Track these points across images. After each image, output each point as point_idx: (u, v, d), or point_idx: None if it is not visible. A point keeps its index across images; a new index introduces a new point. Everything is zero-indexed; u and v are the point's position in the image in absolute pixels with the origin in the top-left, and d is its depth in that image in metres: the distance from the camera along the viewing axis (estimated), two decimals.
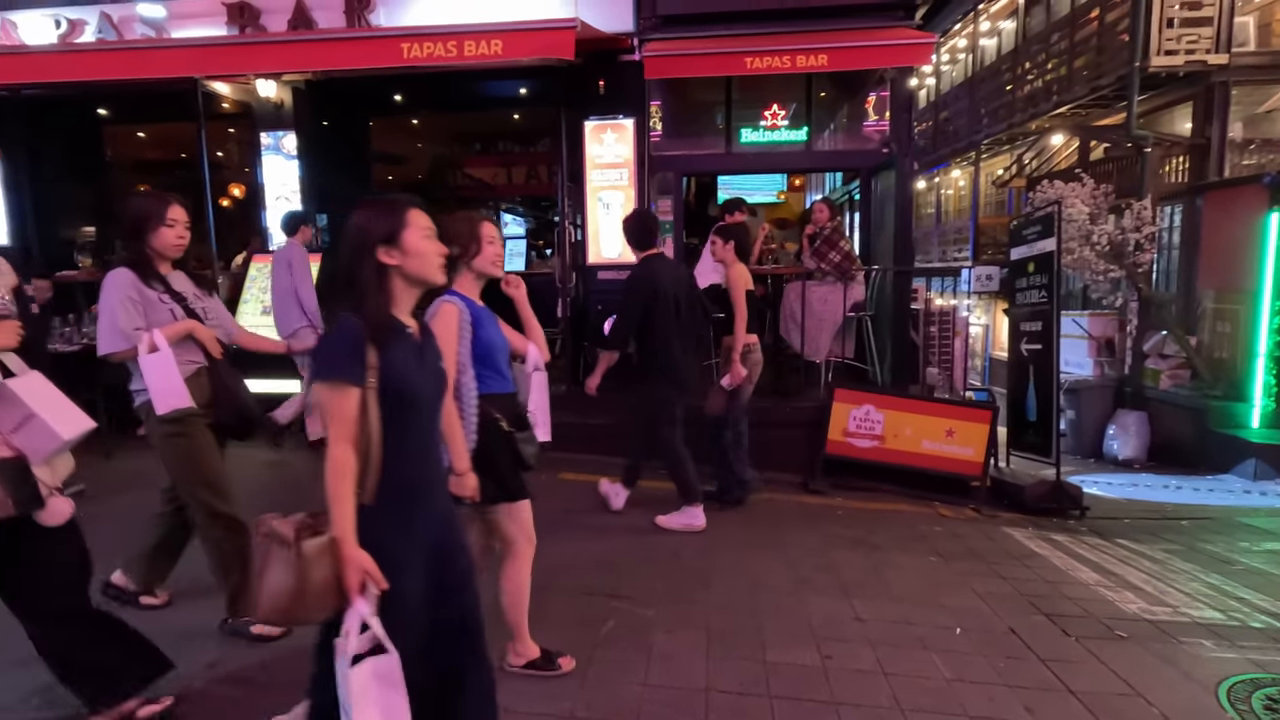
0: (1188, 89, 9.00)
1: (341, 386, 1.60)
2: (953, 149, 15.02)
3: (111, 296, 2.62)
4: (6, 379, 1.99)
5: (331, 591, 1.57)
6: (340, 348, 1.61)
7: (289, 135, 6.65)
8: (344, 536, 1.57)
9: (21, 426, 1.89)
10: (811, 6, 6.07)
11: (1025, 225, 5.86)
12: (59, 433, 1.94)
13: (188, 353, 2.74)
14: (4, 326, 1.92)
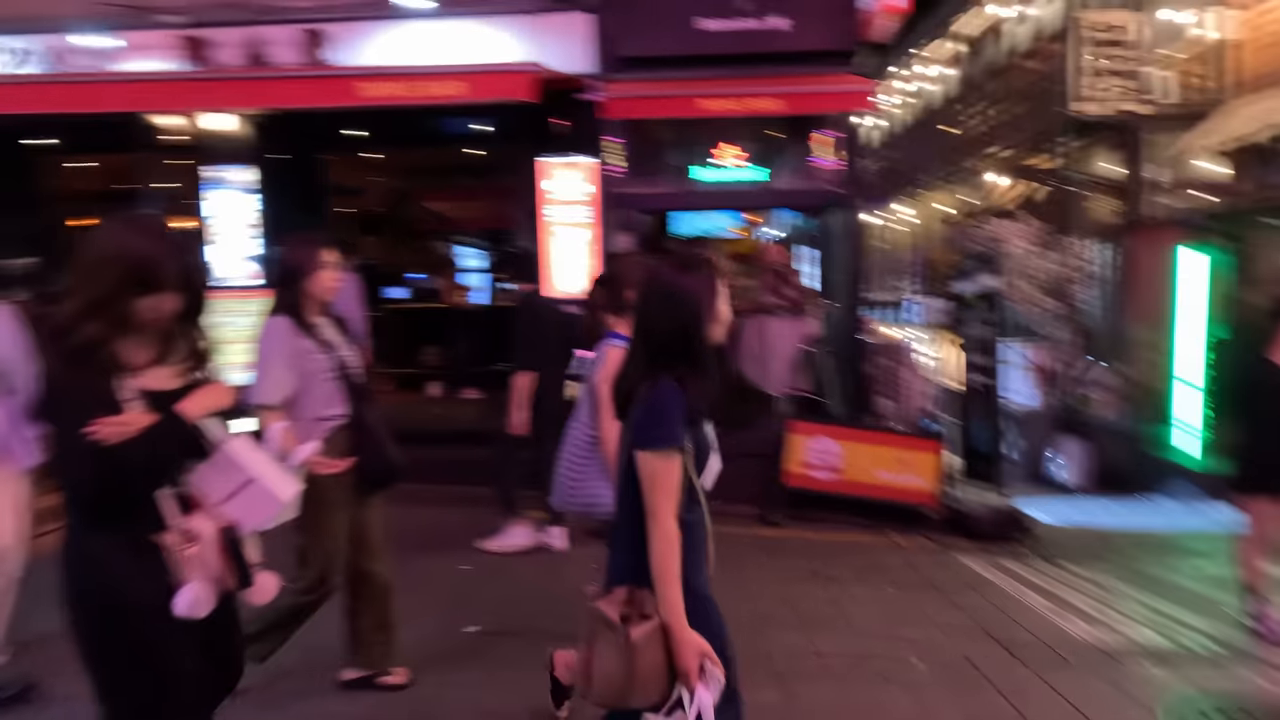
0: (1113, 134, 9.61)
1: (674, 455, 1.54)
2: (900, 186, 15.67)
3: (271, 346, 2.51)
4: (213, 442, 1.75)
5: (663, 675, 1.49)
6: (673, 414, 1.56)
7: (240, 169, 6.55)
8: (678, 618, 1.50)
9: (238, 493, 1.66)
10: (762, 53, 6.32)
11: (969, 262, 6.15)
12: (279, 497, 1.73)
13: (331, 405, 2.57)
14: (217, 388, 1.69)
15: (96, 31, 6.43)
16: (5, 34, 6.63)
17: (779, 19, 6.23)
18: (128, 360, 1.52)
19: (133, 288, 1.47)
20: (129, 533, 1.50)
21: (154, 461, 1.51)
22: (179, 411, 1.54)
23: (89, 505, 1.51)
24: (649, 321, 1.67)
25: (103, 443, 1.41)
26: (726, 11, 6.27)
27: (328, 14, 6.39)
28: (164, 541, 1.49)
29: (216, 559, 1.55)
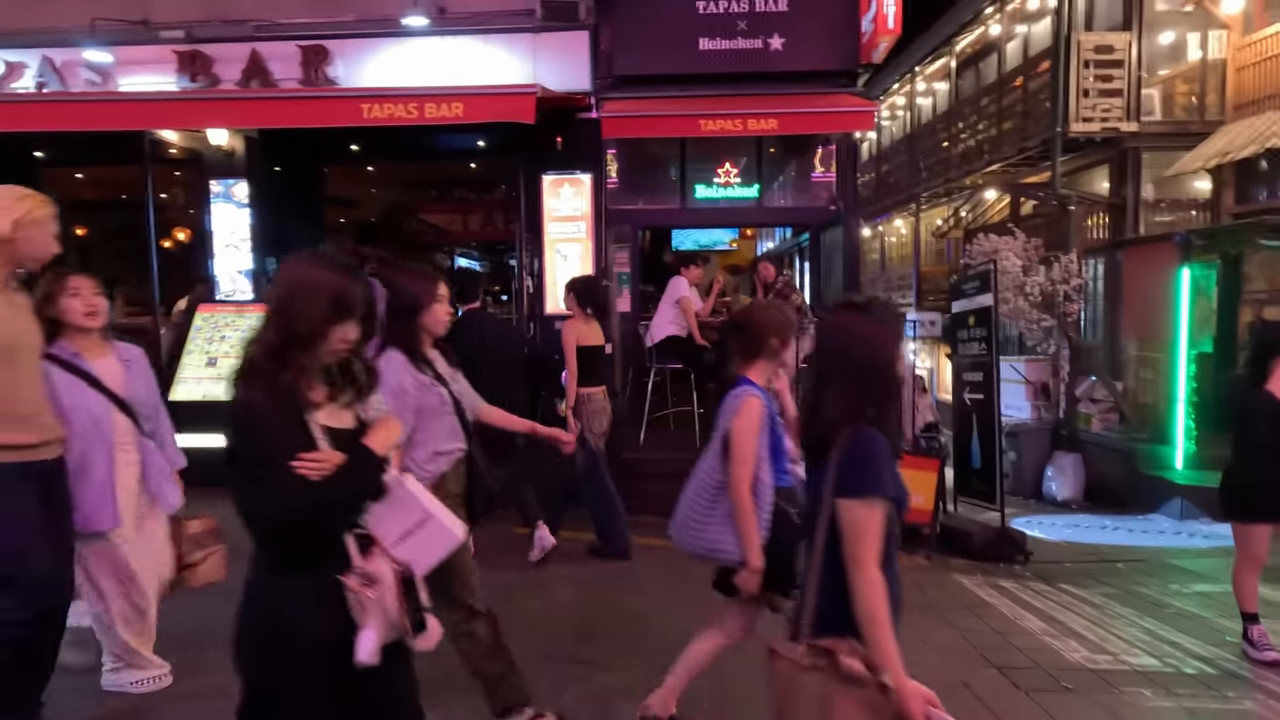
0: (1105, 152, 9.73)
1: (880, 503, 1.53)
2: (894, 200, 15.76)
3: (390, 383, 2.42)
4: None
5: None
6: (881, 461, 1.54)
7: (240, 183, 6.56)
8: (896, 666, 1.48)
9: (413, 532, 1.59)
10: (760, 72, 6.39)
11: (965, 280, 6.19)
12: (454, 534, 1.64)
13: (452, 439, 2.53)
14: (391, 424, 1.62)
15: (98, 46, 6.44)
16: (5, 48, 6.63)
17: (778, 39, 6.30)
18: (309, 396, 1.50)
19: (334, 318, 1.48)
20: (315, 575, 1.45)
21: (351, 501, 1.49)
22: (368, 449, 1.51)
23: (282, 545, 1.47)
24: (847, 366, 1.63)
25: (303, 482, 1.40)
26: (726, 31, 6.33)
27: (329, 31, 6.42)
28: (346, 584, 1.45)
29: (395, 603, 1.50)
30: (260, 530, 1.47)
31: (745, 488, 2.35)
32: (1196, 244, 7.82)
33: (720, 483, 2.44)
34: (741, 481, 2.35)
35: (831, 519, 1.57)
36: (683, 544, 2.59)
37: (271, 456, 1.41)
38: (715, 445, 2.48)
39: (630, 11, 6.37)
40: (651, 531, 5.04)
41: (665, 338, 5.96)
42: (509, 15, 6.37)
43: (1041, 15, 11.21)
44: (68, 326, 2.61)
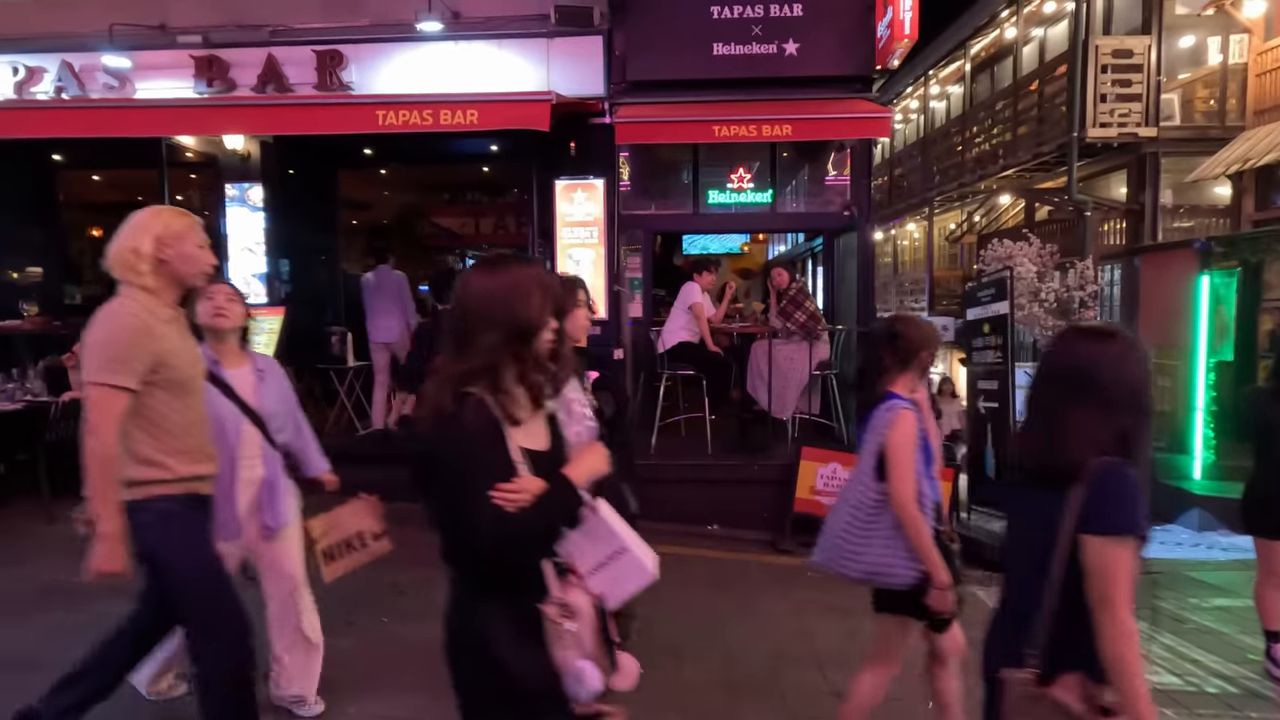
0: (1122, 158, 9.63)
1: (1133, 542, 1.43)
2: (907, 204, 15.68)
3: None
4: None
5: None
6: (1137, 498, 1.44)
7: (255, 187, 6.60)
8: (1151, 717, 1.41)
9: (608, 563, 1.50)
10: (774, 77, 6.35)
11: (980, 288, 6.13)
12: (649, 568, 1.55)
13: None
14: (597, 451, 1.54)
15: (116, 51, 6.50)
16: (25, 52, 6.71)
17: (793, 44, 6.27)
18: (513, 413, 1.42)
19: (548, 311, 1.43)
20: (516, 605, 1.40)
21: (548, 535, 1.42)
22: (569, 478, 1.43)
23: (481, 574, 1.41)
24: (1097, 393, 1.51)
25: (501, 513, 1.33)
26: (740, 36, 6.31)
27: (344, 35, 6.45)
28: (546, 615, 1.39)
29: (592, 636, 1.44)
30: (454, 557, 1.43)
31: (912, 501, 2.26)
32: (1216, 251, 7.72)
33: (877, 500, 2.34)
34: (908, 495, 2.26)
35: (1071, 554, 1.48)
36: (838, 568, 2.44)
37: (473, 483, 1.34)
38: (867, 462, 2.38)
39: (644, 17, 6.35)
40: (662, 538, 5.02)
41: (677, 343, 5.94)
42: (523, 20, 6.37)
43: (1058, 19, 11.13)
44: (205, 331, 2.56)
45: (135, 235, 2.10)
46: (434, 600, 3.86)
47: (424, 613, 3.84)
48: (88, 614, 3.59)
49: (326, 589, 3.99)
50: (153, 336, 2.04)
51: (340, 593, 3.95)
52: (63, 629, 3.47)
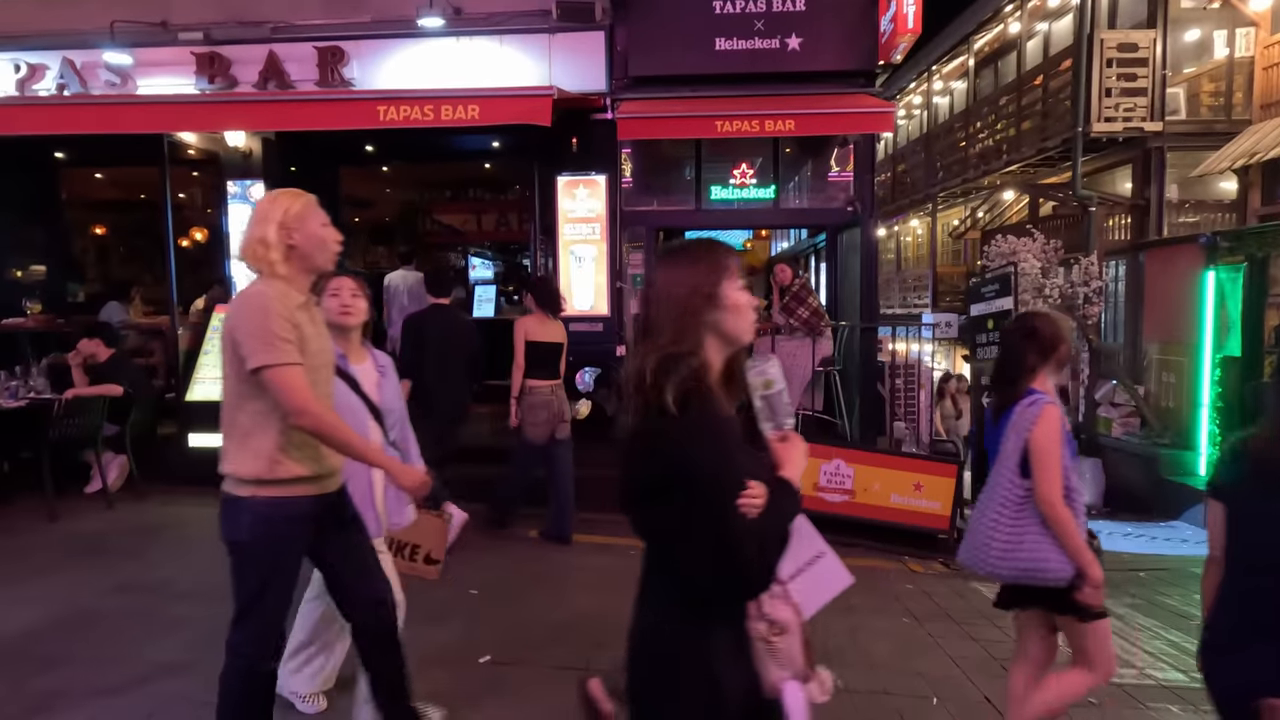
0: (1127, 152, 9.57)
1: None
2: (911, 200, 15.62)
3: None
4: None
5: None
6: None
7: (257, 184, 6.58)
8: None
9: (804, 570, 1.41)
10: (777, 72, 6.33)
11: (984, 283, 6.09)
12: (846, 574, 1.47)
13: None
14: (798, 442, 1.41)
15: (117, 47, 6.49)
16: (27, 49, 6.70)
17: (795, 39, 6.23)
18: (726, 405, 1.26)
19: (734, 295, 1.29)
20: (733, 622, 1.28)
21: (785, 543, 1.26)
22: (788, 479, 1.30)
23: (715, 593, 1.24)
24: None
25: (750, 523, 1.18)
26: (743, 31, 6.28)
27: (345, 32, 6.44)
28: (756, 632, 1.29)
29: (800, 651, 1.33)
30: (704, 580, 1.22)
31: (1059, 500, 2.23)
32: (1222, 246, 7.66)
33: (1023, 497, 2.31)
34: (1055, 494, 2.23)
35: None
36: (986, 568, 2.37)
37: (727, 489, 1.18)
38: (1011, 459, 2.33)
39: (646, 12, 6.33)
40: None
41: None
42: (525, 16, 6.36)
43: (1063, 13, 11.06)
44: (330, 328, 2.49)
45: (260, 225, 2.05)
46: (430, 602, 3.88)
47: (425, 608, 3.85)
48: (84, 611, 3.61)
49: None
50: (292, 320, 1.99)
51: None
52: (60, 625, 3.48)
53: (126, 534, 4.79)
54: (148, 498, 5.44)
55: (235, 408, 2.04)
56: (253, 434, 2.02)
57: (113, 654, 3.20)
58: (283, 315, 1.96)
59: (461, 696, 2.95)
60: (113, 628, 3.45)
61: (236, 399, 2.03)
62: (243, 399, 2.02)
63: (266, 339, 1.92)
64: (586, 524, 5.11)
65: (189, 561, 4.42)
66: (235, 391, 2.03)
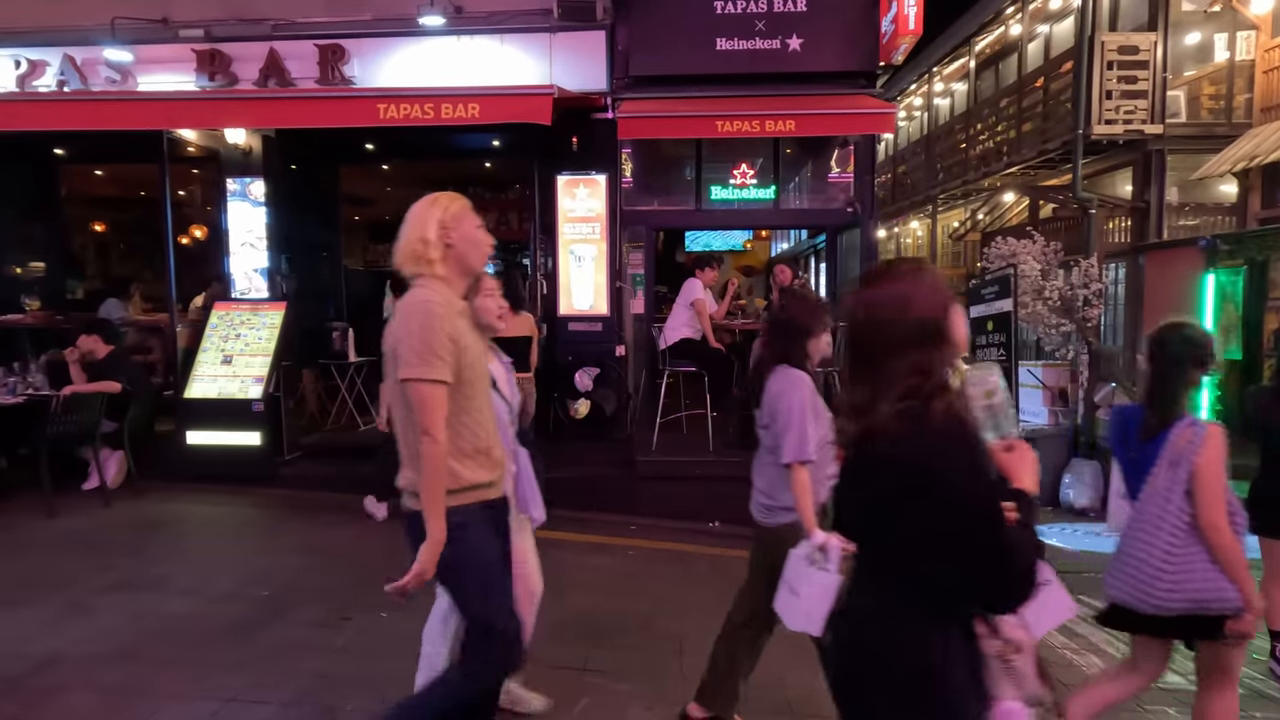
0: (1127, 155, 9.57)
1: None
2: (911, 201, 15.62)
3: (801, 398, 2.42)
4: None
5: None
6: None
7: (256, 181, 6.58)
8: None
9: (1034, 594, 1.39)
10: (778, 73, 6.33)
11: (984, 285, 6.10)
12: (1071, 602, 1.46)
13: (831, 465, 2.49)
14: (1028, 452, 1.41)
15: (118, 44, 6.49)
16: (27, 45, 6.70)
17: (796, 39, 6.23)
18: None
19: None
20: (970, 635, 1.27)
21: (1040, 549, 1.25)
22: (1026, 490, 1.30)
23: (984, 598, 1.24)
24: None
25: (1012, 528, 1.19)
26: (744, 31, 6.28)
27: (346, 30, 6.43)
28: (992, 649, 1.28)
29: (1034, 673, 1.31)
30: (969, 587, 1.22)
31: (1226, 527, 2.18)
32: (1222, 249, 7.66)
33: (1190, 525, 2.23)
34: (1222, 520, 2.17)
35: None
36: (1154, 601, 2.25)
37: (996, 503, 1.21)
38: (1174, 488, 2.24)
39: (647, 12, 6.33)
40: (663, 535, 5.01)
41: (679, 340, 5.92)
42: (526, 15, 6.36)
43: (1064, 15, 11.06)
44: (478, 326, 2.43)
45: (420, 225, 2.02)
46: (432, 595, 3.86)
47: (422, 608, 3.83)
48: (81, 607, 3.60)
49: (320, 585, 3.99)
50: (454, 328, 1.94)
51: (337, 588, 3.95)
52: (57, 621, 3.47)
53: (124, 530, 4.78)
54: (145, 494, 5.43)
55: (407, 420, 1.96)
56: None
57: (110, 650, 3.19)
58: (444, 330, 1.91)
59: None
60: (110, 624, 3.45)
61: (407, 411, 1.96)
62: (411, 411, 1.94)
63: (421, 351, 1.87)
64: (583, 523, 5.11)
65: (187, 558, 4.41)
66: (403, 404, 1.96)
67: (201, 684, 2.95)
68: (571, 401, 6.45)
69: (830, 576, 2.20)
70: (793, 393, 2.44)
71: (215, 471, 5.64)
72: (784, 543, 2.37)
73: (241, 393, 5.77)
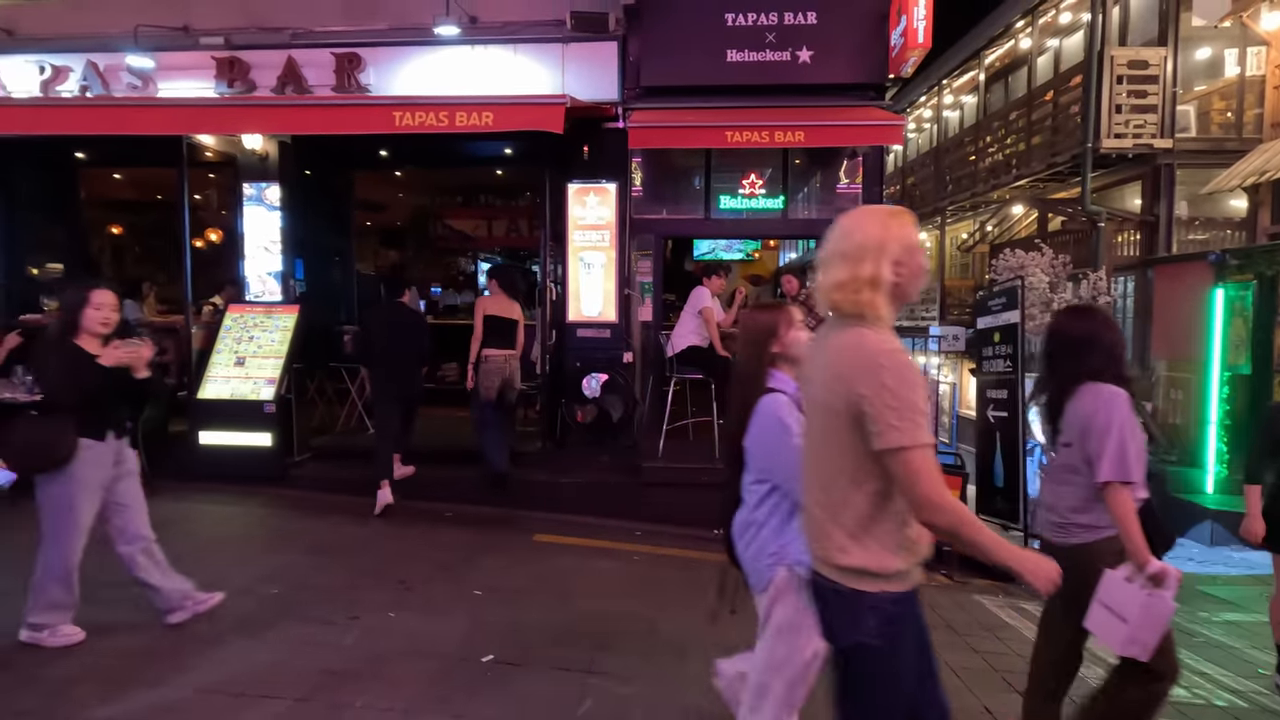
0: (1137, 169, 9.58)
1: None
2: (919, 213, 15.61)
3: (1120, 416, 2.33)
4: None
5: None
6: None
7: (272, 186, 6.68)
8: None
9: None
10: (788, 84, 6.39)
11: (991, 297, 6.12)
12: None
13: (1143, 485, 2.40)
14: None
15: (140, 51, 6.62)
16: (52, 52, 6.84)
17: (806, 51, 6.30)
18: None
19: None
20: None
21: None
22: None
23: None
24: None
25: None
26: (754, 43, 6.35)
27: (362, 39, 6.54)
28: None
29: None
30: None
31: None
32: (1231, 263, 7.66)
33: None
34: None
35: None
36: None
37: None
38: None
39: (659, 23, 6.41)
40: (666, 541, 5.04)
41: (686, 347, 5.96)
42: (539, 25, 6.45)
43: (1074, 29, 11.10)
44: (785, 361, 2.27)
45: (872, 259, 1.63)
46: (439, 596, 3.89)
47: (429, 607, 3.88)
48: (92, 603, 3.66)
49: (329, 584, 4.04)
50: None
51: (348, 587, 4.00)
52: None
53: None
54: (159, 493, 5.48)
55: (851, 485, 1.62)
56: (878, 521, 1.62)
57: (123, 648, 3.25)
58: (921, 382, 1.59)
59: (464, 695, 2.98)
60: (120, 619, 3.50)
61: (854, 474, 1.62)
62: (862, 476, 1.60)
63: (909, 412, 1.52)
64: (589, 528, 5.16)
65: (198, 556, 4.47)
66: (852, 466, 1.61)
67: (211, 679, 3.00)
68: (579, 407, 6.50)
69: (1165, 603, 2.19)
70: (1110, 409, 2.34)
71: (226, 471, 5.71)
72: (1081, 564, 2.30)
73: (254, 394, 5.85)
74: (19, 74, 6.88)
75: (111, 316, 3.19)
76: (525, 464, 6.10)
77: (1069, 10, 10.89)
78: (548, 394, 6.55)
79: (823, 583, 1.68)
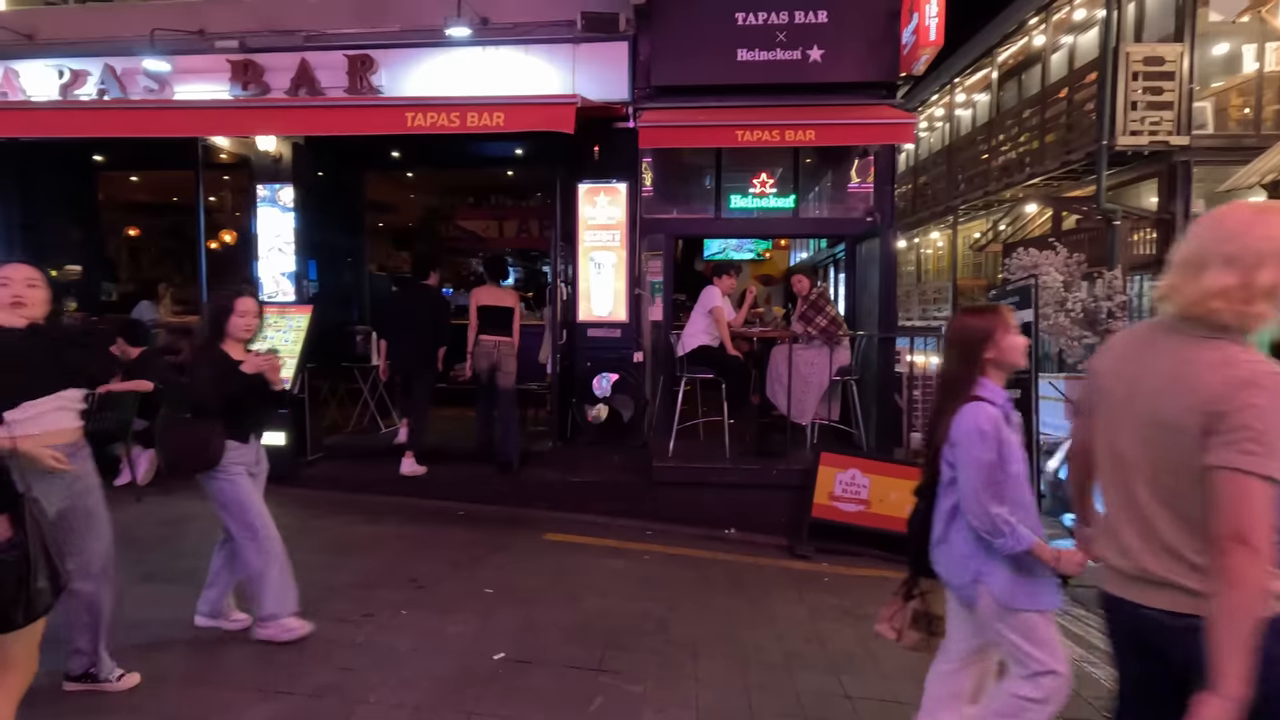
0: (1153, 166, 9.48)
1: None
2: (931, 212, 15.54)
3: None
4: None
5: None
6: None
7: (286, 188, 6.75)
8: None
9: None
10: (798, 83, 6.37)
11: (1003, 295, 6.06)
12: None
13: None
14: None
15: (156, 55, 6.70)
16: (71, 56, 6.94)
17: (817, 50, 6.28)
18: None
19: None
20: None
21: None
22: None
23: None
24: None
25: None
26: (765, 42, 6.33)
27: (375, 41, 6.59)
28: None
29: None
30: None
31: None
32: None
33: None
34: None
35: None
36: None
37: None
38: None
39: (669, 23, 6.41)
40: (677, 540, 5.04)
41: (697, 347, 5.96)
42: (550, 26, 6.47)
43: (1088, 26, 11.00)
44: (1001, 368, 2.22)
45: (1271, 266, 1.44)
46: (450, 594, 3.92)
47: (441, 606, 3.90)
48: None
49: (341, 582, 4.07)
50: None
51: (360, 585, 4.03)
52: None
53: (154, 525, 4.92)
54: (174, 491, 5.57)
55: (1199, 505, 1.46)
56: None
57: (134, 640, 3.29)
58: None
59: (475, 692, 3.00)
60: (138, 616, 3.54)
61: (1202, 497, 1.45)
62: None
63: (1273, 439, 1.37)
64: (600, 527, 5.16)
65: (213, 553, 4.52)
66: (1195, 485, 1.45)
67: (225, 676, 3.03)
68: (589, 407, 6.51)
69: None
70: None
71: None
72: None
73: None
74: (39, 78, 6.98)
75: (254, 323, 3.30)
76: (536, 463, 6.12)
77: (1083, 6, 10.80)
78: (558, 394, 6.57)
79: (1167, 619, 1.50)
